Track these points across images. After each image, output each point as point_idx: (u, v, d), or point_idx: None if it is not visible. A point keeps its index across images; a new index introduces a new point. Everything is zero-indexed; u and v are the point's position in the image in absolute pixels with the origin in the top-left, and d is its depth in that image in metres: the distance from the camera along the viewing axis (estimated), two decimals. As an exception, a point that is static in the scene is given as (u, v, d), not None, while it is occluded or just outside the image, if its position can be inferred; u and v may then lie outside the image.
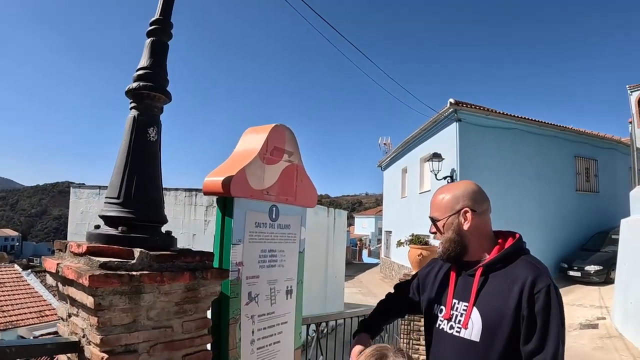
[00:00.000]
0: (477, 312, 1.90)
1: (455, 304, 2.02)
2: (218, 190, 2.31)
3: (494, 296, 1.89)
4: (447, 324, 2.02)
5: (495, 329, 1.84)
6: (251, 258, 2.49)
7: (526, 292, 1.81)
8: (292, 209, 2.81)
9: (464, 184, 2.12)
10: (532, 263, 1.92)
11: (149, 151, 2.25)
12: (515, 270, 1.90)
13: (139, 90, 2.23)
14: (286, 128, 2.73)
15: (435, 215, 2.10)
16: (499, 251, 2.00)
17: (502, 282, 1.89)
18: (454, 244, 2.04)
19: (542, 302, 1.79)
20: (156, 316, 2.00)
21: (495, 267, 1.95)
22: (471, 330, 1.90)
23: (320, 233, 12.85)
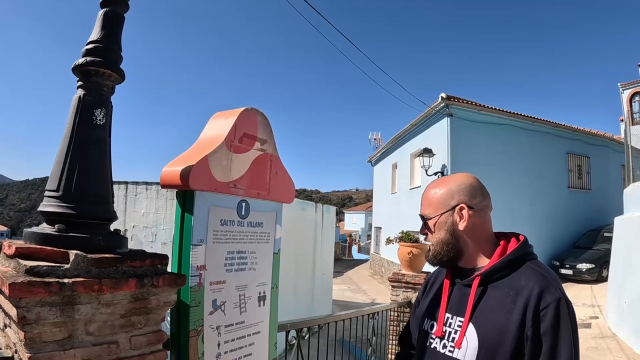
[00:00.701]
0: (474, 329, 1.62)
1: (448, 319, 1.75)
2: (176, 183, 1.96)
3: (493, 311, 1.60)
4: (440, 342, 1.74)
5: (494, 350, 1.55)
6: (216, 261, 2.14)
7: (531, 307, 1.52)
8: (265, 204, 2.46)
9: (461, 177, 1.83)
10: (540, 272, 1.63)
11: (95, 136, 1.93)
12: (519, 280, 1.62)
13: (85, 66, 1.92)
14: (258, 112, 2.37)
15: (427, 212, 1.82)
16: (500, 256, 1.71)
17: (504, 294, 1.61)
18: (446, 247, 1.76)
19: (550, 319, 1.50)
20: (97, 330, 1.68)
21: (496, 276, 1.67)
22: (465, 350, 1.62)
23: (308, 229, 12.58)
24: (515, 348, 1.51)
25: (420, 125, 19.66)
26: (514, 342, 1.51)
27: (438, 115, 17.43)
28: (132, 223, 9.01)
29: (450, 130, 16.53)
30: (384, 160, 27.35)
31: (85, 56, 1.93)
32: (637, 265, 9.36)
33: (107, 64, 1.95)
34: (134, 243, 8.77)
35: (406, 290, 6.33)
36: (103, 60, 1.94)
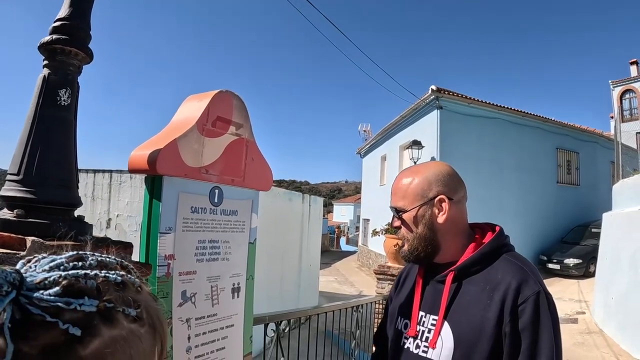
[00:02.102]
0: (449, 327, 1.51)
1: (422, 317, 1.63)
2: (143, 167, 1.86)
3: (469, 308, 1.50)
4: (413, 342, 1.61)
5: (471, 349, 1.45)
6: (185, 250, 2.04)
7: (509, 302, 1.43)
8: (240, 191, 2.36)
9: (436, 165, 1.69)
10: (517, 264, 1.53)
11: (59, 118, 1.84)
12: (495, 273, 1.52)
13: (51, 44, 1.83)
14: (234, 95, 2.26)
15: (401, 204, 1.66)
16: (475, 249, 1.60)
17: (480, 289, 1.51)
18: (424, 242, 1.62)
19: (529, 314, 1.41)
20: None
21: (471, 270, 1.57)
22: (440, 350, 1.50)
23: (295, 220, 12.52)
24: (492, 346, 1.42)
25: (410, 117, 19.56)
26: (492, 339, 1.42)
27: (428, 108, 17.34)
28: (116, 212, 8.90)
29: (440, 123, 16.45)
30: (373, 152, 27.26)
31: (52, 34, 1.84)
32: (624, 261, 9.35)
33: (74, 42, 1.87)
34: (117, 232, 8.67)
35: (392, 283, 6.28)
36: (69, 38, 1.85)
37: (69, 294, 0.56)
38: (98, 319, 0.57)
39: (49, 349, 0.52)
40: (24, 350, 0.51)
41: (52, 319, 0.53)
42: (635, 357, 7.91)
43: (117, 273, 0.64)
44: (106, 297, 0.59)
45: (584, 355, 8.39)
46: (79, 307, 0.55)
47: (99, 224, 9.01)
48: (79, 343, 0.54)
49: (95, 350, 0.55)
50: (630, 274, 8.89)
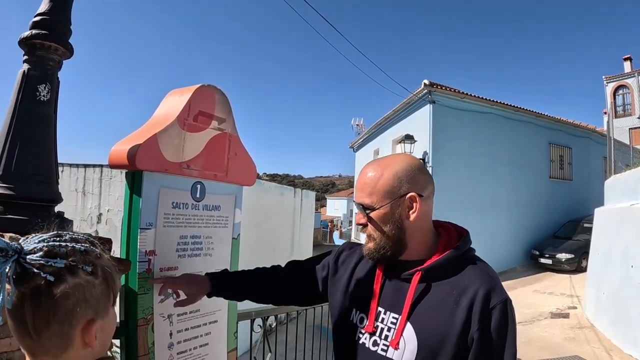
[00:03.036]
0: (412, 329, 1.47)
1: (380, 313, 1.57)
2: (123, 163, 1.83)
3: (434, 311, 1.47)
4: (370, 338, 1.56)
5: (435, 352, 1.42)
6: (167, 246, 2.02)
7: (478, 307, 1.41)
8: (222, 186, 2.34)
9: (405, 158, 1.61)
10: (485, 271, 1.52)
11: (38, 113, 1.84)
12: (462, 278, 1.50)
13: (30, 39, 1.82)
14: (216, 89, 2.24)
15: (369, 201, 1.56)
16: (443, 251, 1.56)
17: (446, 293, 1.48)
18: (392, 242, 1.55)
19: (497, 320, 1.40)
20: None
21: (439, 272, 1.52)
22: (402, 352, 1.46)
23: (287, 214, 12.53)
24: (457, 351, 1.41)
25: (403, 111, 19.51)
26: (456, 344, 1.41)
27: (420, 102, 17.25)
28: (107, 207, 8.86)
29: (433, 117, 16.41)
30: (365, 146, 27.21)
31: (32, 29, 1.83)
32: (616, 256, 9.37)
33: (53, 37, 1.87)
34: (108, 227, 8.64)
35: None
36: (49, 33, 1.85)
37: (48, 256, 0.94)
38: (65, 271, 0.95)
39: (36, 289, 0.92)
40: (21, 290, 0.91)
41: (37, 270, 0.92)
42: (626, 353, 7.92)
43: (82, 244, 1.02)
44: (71, 258, 0.97)
45: (575, 350, 8.40)
46: (54, 264, 0.94)
47: (90, 218, 8.98)
48: (53, 286, 0.92)
49: (63, 290, 0.94)
50: (621, 269, 8.91)
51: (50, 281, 0.92)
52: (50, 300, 0.92)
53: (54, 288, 0.92)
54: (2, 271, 0.88)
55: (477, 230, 10.95)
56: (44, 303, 0.92)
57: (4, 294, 0.88)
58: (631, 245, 8.68)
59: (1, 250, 0.89)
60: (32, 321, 0.92)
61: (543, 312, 11.33)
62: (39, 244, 0.96)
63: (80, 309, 0.97)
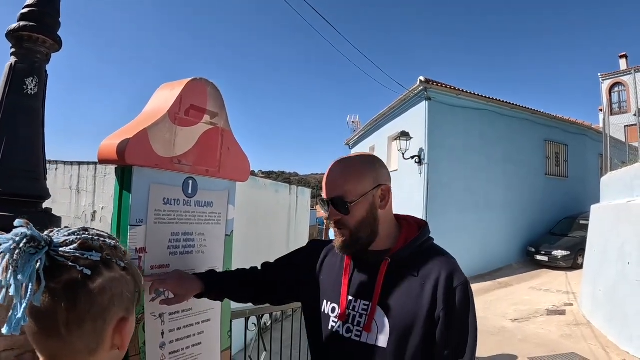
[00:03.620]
0: (382, 312, 1.57)
1: (351, 302, 1.65)
2: (112, 158, 1.78)
3: (402, 295, 1.57)
4: (343, 326, 1.64)
5: (406, 333, 1.53)
6: (158, 243, 1.97)
7: (442, 288, 1.53)
8: (215, 182, 2.29)
9: (367, 155, 1.73)
10: (445, 256, 1.65)
11: (26, 107, 1.78)
12: (426, 264, 1.60)
13: (18, 31, 1.77)
14: (208, 83, 2.19)
15: (344, 194, 1.62)
16: (406, 240, 1.66)
17: (412, 277, 1.59)
18: (368, 232, 1.64)
19: (460, 299, 1.53)
20: (20, 318, 1.53)
21: (404, 259, 1.62)
22: (375, 334, 1.56)
23: (282, 212, 12.51)
24: (425, 330, 1.51)
25: (398, 108, 19.44)
26: (425, 323, 1.51)
27: (416, 99, 17.20)
28: (102, 204, 8.82)
29: (428, 114, 16.31)
30: (361, 143, 27.10)
31: (19, 21, 1.79)
32: (612, 253, 9.37)
33: (41, 29, 1.81)
34: (103, 225, 8.58)
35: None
36: (37, 25, 1.80)
37: (82, 248, 0.91)
38: (101, 265, 0.92)
39: (70, 284, 0.87)
40: (52, 286, 0.85)
41: (72, 263, 0.87)
42: (622, 349, 7.92)
43: (111, 240, 1.00)
44: (105, 252, 0.95)
45: (572, 347, 8.38)
46: (90, 257, 0.90)
47: (84, 216, 8.94)
48: (89, 280, 0.89)
49: (99, 285, 0.91)
50: (617, 267, 8.91)
51: (87, 275, 0.88)
52: (86, 295, 0.88)
53: (90, 282, 0.89)
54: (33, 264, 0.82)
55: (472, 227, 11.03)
56: (80, 298, 0.87)
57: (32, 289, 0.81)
58: (627, 242, 8.66)
59: (33, 239, 0.84)
60: (66, 318, 0.86)
61: (539, 309, 11.31)
62: (70, 236, 0.92)
63: (114, 305, 0.94)
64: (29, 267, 0.81)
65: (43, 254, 0.84)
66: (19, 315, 0.80)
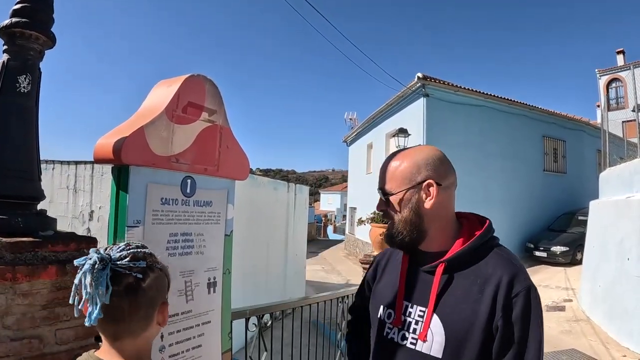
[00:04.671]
0: (439, 320, 1.48)
1: (407, 307, 1.59)
2: (108, 157, 1.74)
3: (460, 301, 1.48)
4: (399, 333, 1.58)
5: (462, 342, 1.43)
6: (156, 244, 1.90)
7: (501, 296, 1.42)
8: (214, 181, 2.26)
9: (427, 149, 1.63)
10: (508, 259, 1.53)
11: (18, 106, 1.75)
12: (486, 267, 1.50)
13: (10, 27, 1.73)
14: (206, 80, 2.15)
15: (388, 187, 1.60)
16: (465, 241, 1.57)
17: (471, 282, 1.49)
18: (409, 227, 1.56)
19: (521, 308, 1.41)
20: (15, 324, 1.51)
21: (461, 262, 1.53)
22: (431, 343, 1.47)
23: (280, 209, 12.50)
24: (483, 339, 1.42)
25: (396, 105, 19.56)
26: (482, 333, 1.42)
27: (414, 96, 17.29)
28: (99, 204, 8.77)
29: (426, 111, 16.43)
30: (359, 140, 27.25)
31: (12, 17, 1.76)
32: (611, 249, 9.39)
33: (34, 25, 1.78)
34: (100, 224, 8.55)
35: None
36: (29, 21, 1.77)
37: (133, 260, 1.28)
38: (147, 269, 1.30)
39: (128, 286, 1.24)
40: (116, 289, 1.21)
41: (128, 272, 1.25)
42: (622, 345, 7.93)
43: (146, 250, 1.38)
44: (148, 260, 1.33)
45: (571, 343, 8.38)
46: (139, 265, 1.28)
47: (82, 216, 8.90)
48: (141, 281, 1.27)
49: (148, 284, 1.29)
50: (617, 262, 8.94)
51: (139, 278, 1.27)
52: (140, 292, 1.27)
53: (142, 282, 1.28)
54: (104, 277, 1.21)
55: (473, 224, 10.70)
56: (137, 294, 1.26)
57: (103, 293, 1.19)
58: (627, 238, 8.68)
59: (102, 260, 1.23)
60: (129, 309, 1.25)
61: None
62: (122, 252, 1.30)
63: (158, 295, 1.36)
64: (103, 279, 1.20)
65: (108, 269, 1.23)
66: (96, 312, 1.18)
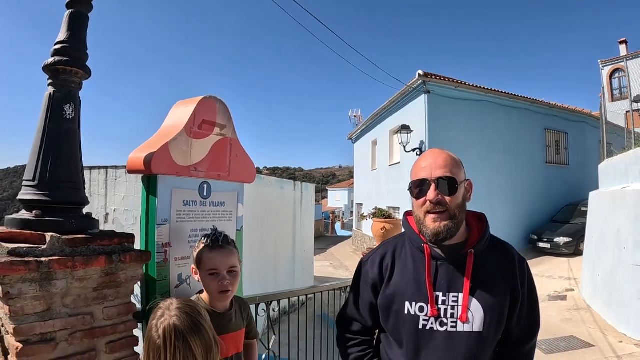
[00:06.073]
0: (476, 301, 1.72)
1: (439, 297, 1.74)
2: (140, 168, 2.18)
3: (490, 281, 1.75)
4: (436, 321, 1.73)
5: (498, 316, 1.73)
6: (180, 238, 2.36)
7: (517, 267, 1.82)
8: (226, 185, 2.67)
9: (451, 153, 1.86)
10: (504, 241, 1.93)
11: (65, 130, 2.12)
12: (500, 250, 1.86)
13: (54, 65, 2.10)
14: (217, 100, 2.57)
15: (458, 175, 1.77)
16: (479, 232, 1.85)
17: (495, 264, 1.80)
18: (459, 219, 1.77)
19: (529, 274, 1.87)
20: (72, 303, 1.90)
21: (483, 249, 1.80)
22: (472, 322, 1.70)
23: (287, 207, 12.73)
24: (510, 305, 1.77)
25: (399, 102, 19.58)
26: (510, 305, 1.76)
27: (415, 93, 17.34)
28: (113, 207, 9.10)
29: (428, 107, 16.45)
30: (363, 137, 27.25)
31: (54, 56, 2.10)
32: (609, 239, 9.52)
33: (73, 62, 2.13)
34: (115, 226, 8.86)
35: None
36: (70, 59, 2.11)
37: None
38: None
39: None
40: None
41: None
42: (620, 332, 8.12)
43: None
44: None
45: (571, 331, 8.56)
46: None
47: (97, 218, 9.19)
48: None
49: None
50: (614, 252, 9.06)
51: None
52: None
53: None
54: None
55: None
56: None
57: None
58: (623, 228, 8.81)
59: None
60: None
61: (541, 295, 11.25)
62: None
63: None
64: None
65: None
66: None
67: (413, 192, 1.80)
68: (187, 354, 1.56)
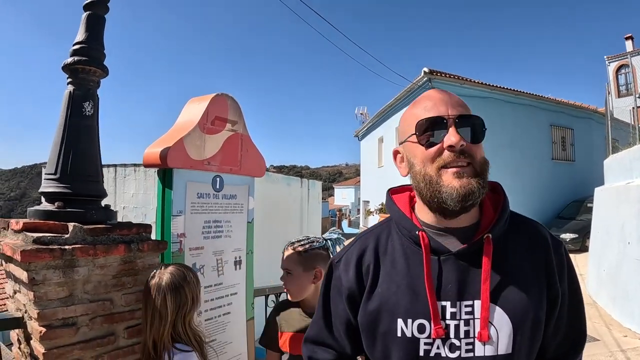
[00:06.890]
0: (499, 309, 1.16)
1: (446, 308, 1.18)
2: (156, 162, 2.28)
3: (517, 279, 1.20)
4: (444, 344, 1.17)
5: (532, 328, 1.17)
6: (194, 229, 2.47)
7: (555, 259, 1.25)
8: (237, 178, 2.78)
9: None
10: (528, 218, 1.36)
11: (85, 126, 2.23)
12: (526, 232, 1.29)
13: (73, 65, 2.21)
14: (228, 97, 2.68)
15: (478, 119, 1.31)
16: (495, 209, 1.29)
17: (522, 253, 1.24)
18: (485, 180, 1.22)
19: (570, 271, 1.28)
20: (93, 289, 2.00)
21: (503, 231, 1.25)
22: (496, 341, 1.15)
23: (294, 204, 12.76)
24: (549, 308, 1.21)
25: (405, 99, 19.62)
26: (547, 301, 1.21)
27: (421, 90, 17.12)
28: (123, 204, 9.19)
29: (434, 104, 16.30)
30: (370, 134, 27.29)
31: (73, 56, 2.22)
32: (614, 234, 9.53)
33: (92, 62, 2.24)
34: (125, 223, 8.97)
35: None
36: (88, 59, 2.23)
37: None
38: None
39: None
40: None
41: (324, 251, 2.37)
42: (625, 327, 8.13)
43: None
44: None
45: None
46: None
47: (116, 210, 9.29)
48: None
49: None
50: (619, 247, 9.07)
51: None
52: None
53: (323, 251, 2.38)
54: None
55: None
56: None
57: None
58: (627, 223, 8.81)
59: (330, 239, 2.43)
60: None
61: None
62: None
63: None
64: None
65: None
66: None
67: (420, 139, 1.23)
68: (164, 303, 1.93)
